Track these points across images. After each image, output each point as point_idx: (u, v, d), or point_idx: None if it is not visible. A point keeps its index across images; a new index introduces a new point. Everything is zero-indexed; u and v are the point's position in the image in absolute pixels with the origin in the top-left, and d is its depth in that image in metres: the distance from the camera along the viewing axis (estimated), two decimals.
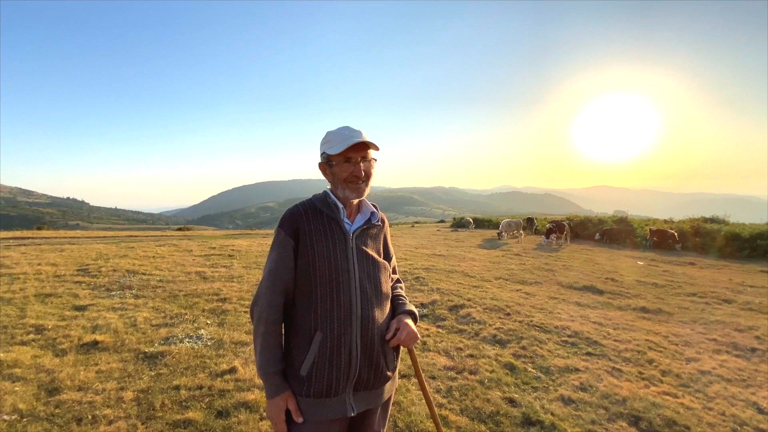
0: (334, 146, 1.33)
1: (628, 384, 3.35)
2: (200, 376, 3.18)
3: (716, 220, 17.86)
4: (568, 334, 4.55)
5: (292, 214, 1.33)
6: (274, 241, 1.33)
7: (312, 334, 1.26)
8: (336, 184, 1.37)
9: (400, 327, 1.37)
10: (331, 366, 1.25)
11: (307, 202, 1.40)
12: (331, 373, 1.25)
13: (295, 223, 1.31)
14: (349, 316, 1.27)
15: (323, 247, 1.29)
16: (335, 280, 1.28)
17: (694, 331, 4.97)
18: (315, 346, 1.24)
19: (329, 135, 1.37)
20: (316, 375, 1.24)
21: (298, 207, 1.37)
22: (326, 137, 1.38)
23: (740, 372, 3.77)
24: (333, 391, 1.26)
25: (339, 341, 1.25)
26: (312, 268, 1.28)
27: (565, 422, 2.72)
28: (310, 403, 1.26)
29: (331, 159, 1.34)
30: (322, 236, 1.31)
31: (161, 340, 3.92)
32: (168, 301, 5.34)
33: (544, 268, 9.51)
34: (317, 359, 1.24)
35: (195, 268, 7.69)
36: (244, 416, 2.63)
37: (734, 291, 7.47)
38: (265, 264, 1.34)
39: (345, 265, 1.30)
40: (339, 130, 1.36)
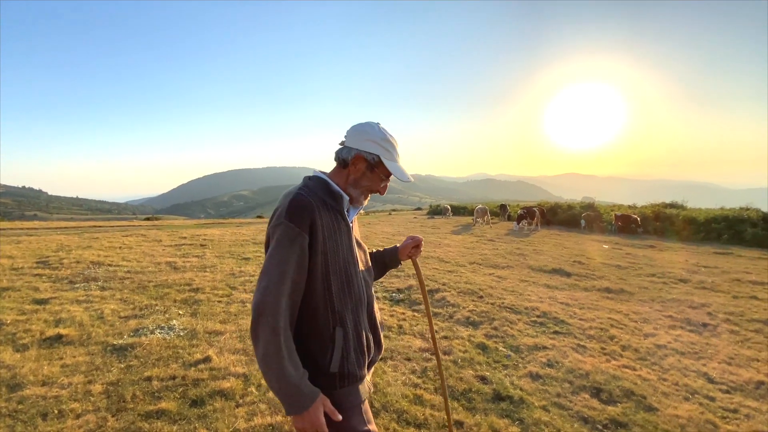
0: (393, 165, 1.29)
1: (591, 359, 3.55)
2: (173, 366, 3.13)
3: (675, 205, 18.86)
4: (537, 315, 4.75)
5: (304, 207, 1.18)
6: (281, 237, 1.15)
7: (332, 331, 1.22)
8: (356, 182, 1.30)
9: (418, 245, 1.61)
10: (357, 354, 1.27)
11: (311, 191, 1.24)
12: (358, 361, 1.27)
13: (309, 217, 1.17)
14: (360, 302, 1.30)
15: (335, 241, 1.23)
16: (346, 273, 1.26)
17: (652, 308, 5.29)
18: (339, 341, 1.22)
19: (389, 143, 1.28)
20: (348, 366, 1.24)
21: (307, 197, 1.20)
22: (385, 141, 1.28)
23: (693, 345, 4.06)
24: (360, 376, 1.28)
25: (357, 330, 1.28)
26: (327, 265, 1.21)
27: (532, 396, 2.87)
28: (345, 392, 1.25)
29: (377, 167, 1.28)
30: (333, 230, 1.23)
31: (130, 332, 3.81)
32: (137, 292, 5.17)
33: (515, 252, 9.81)
34: (344, 353, 1.23)
35: (165, 258, 7.46)
36: (219, 404, 2.62)
37: (689, 271, 7.97)
38: (268, 264, 1.15)
39: (351, 257, 1.29)
40: (396, 146, 1.30)
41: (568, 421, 2.60)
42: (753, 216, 14.62)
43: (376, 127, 1.29)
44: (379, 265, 1.60)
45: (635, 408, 2.78)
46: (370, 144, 1.26)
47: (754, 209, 15.63)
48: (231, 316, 4.34)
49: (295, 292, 1.16)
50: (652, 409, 2.77)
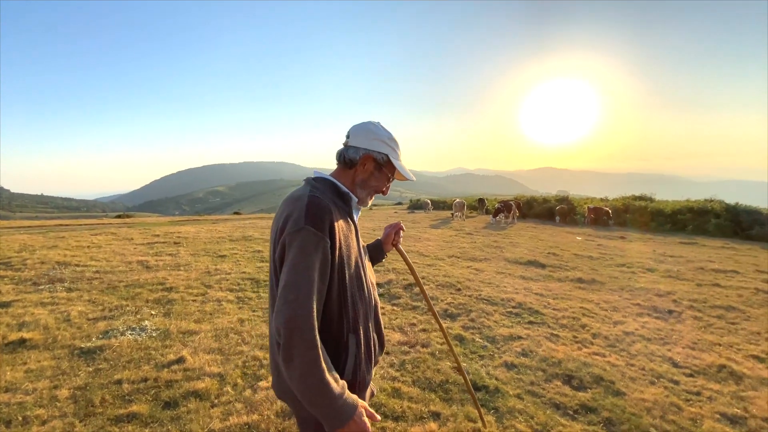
0: (400, 164, 1.29)
1: (564, 347, 3.66)
2: (145, 368, 3.04)
3: (644, 198, 19.60)
4: (513, 306, 4.86)
5: (324, 210, 1.11)
6: (305, 244, 1.06)
7: (346, 338, 1.17)
8: (364, 182, 1.28)
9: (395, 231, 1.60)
10: (367, 361, 1.24)
11: (322, 192, 1.19)
12: (368, 367, 1.25)
13: (329, 220, 1.11)
14: (370, 309, 1.27)
15: (348, 245, 1.19)
16: (358, 277, 1.22)
17: (622, 297, 5.50)
18: (352, 348, 1.18)
19: (395, 143, 1.29)
20: (358, 374, 1.20)
21: (322, 200, 1.14)
22: (392, 140, 1.27)
23: (659, 332, 4.24)
24: (367, 382, 1.26)
25: (367, 336, 1.24)
26: (343, 270, 1.15)
27: (507, 385, 2.94)
28: None
29: (385, 166, 1.28)
30: (346, 233, 1.19)
31: (99, 334, 3.68)
32: (106, 293, 4.99)
33: (493, 245, 9.98)
34: (357, 360, 1.19)
35: (136, 257, 7.22)
36: (194, 405, 2.57)
37: (657, 261, 8.32)
38: (294, 275, 1.04)
39: (360, 261, 1.25)
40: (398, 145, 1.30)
41: (540, 408, 2.67)
42: (716, 207, 15.35)
43: (380, 127, 1.28)
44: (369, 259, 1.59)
45: (604, 393, 2.89)
46: (378, 143, 1.25)
47: (718, 201, 16.40)
48: (206, 315, 4.24)
49: (319, 302, 1.09)
50: (620, 394, 2.89)
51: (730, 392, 3.01)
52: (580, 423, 2.54)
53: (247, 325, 4.00)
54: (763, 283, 6.42)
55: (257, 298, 4.91)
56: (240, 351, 3.39)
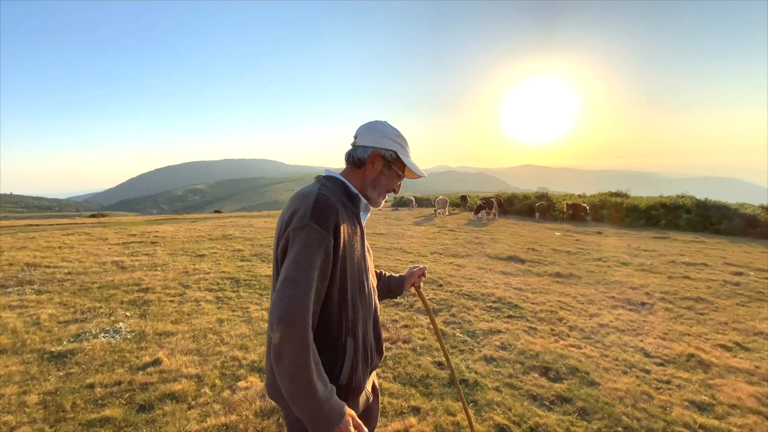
0: (409, 160, 1.27)
1: (541, 340, 3.75)
2: (119, 371, 2.96)
3: (620, 194, 20.18)
4: (493, 300, 4.94)
5: (330, 208, 1.10)
6: (308, 241, 1.05)
7: (344, 341, 1.15)
8: (375, 182, 1.26)
9: (419, 274, 1.61)
10: (363, 366, 1.21)
11: (330, 191, 1.18)
12: (364, 372, 1.22)
13: (335, 219, 1.10)
14: (370, 313, 1.25)
15: (352, 247, 1.17)
16: (360, 281, 1.20)
17: (597, 290, 5.66)
18: (350, 352, 1.16)
19: (403, 140, 1.27)
20: (354, 379, 1.17)
21: (330, 198, 1.13)
22: (399, 137, 1.26)
23: (632, 323, 4.38)
24: (362, 387, 1.23)
25: (365, 340, 1.22)
26: (345, 271, 1.14)
27: (486, 379, 2.99)
28: (350, 406, 1.17)
29: (395, 164, 1.26)
30: (351, 235, 1.17)
31: (71, 337, 3.56)
32: (78, 294, 4.83)
33: (474, 241, 10.11)
34: (354, 364, 1.17)
35: (111, 257, 7.00)
36: (170, 407, 2.51)
37: (631, 255, 8.59)
38: (294, 270, 1.03)
39: (364, 265, 1.24)
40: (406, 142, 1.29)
41: (518, 400, 2.73)
42: (687, 203, 15.93)
43: (387, 125, 1.27)
44: (382, 290, 1.56)
45: (579, 384, 2.98)
46: (386, 141, 1.24)
47: (689, 197, 17.01)
48: (183, 316, 4.16)
49: (317, 302, 1.07)
50: (594, 384, 2.98)
51: (699, 380, 3.14)
52: (556, 413, 2.61)
53: (226, 325, 3.94)
54: (730, 275, 6.71)
55: (237, 298, 4.84)
56: (218, 351, 3.33)
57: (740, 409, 2.74)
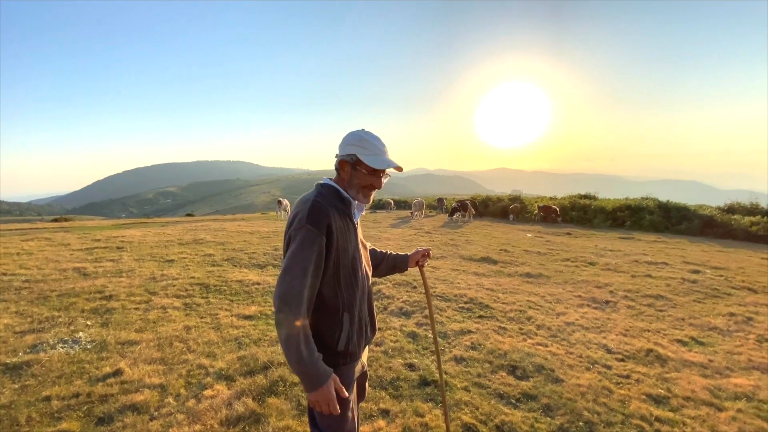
0: (370, 157, 1.42)
1: (510, 339, 3.84)
2: (77, 383, 2.83)
3: (588, 196, 20.92)
4: (465, 301, 5.02)
5: (322, 212, 1.34)
6: (304, 239, 1.31)
7: (341, 316, 1.42)
8: (350, 184, 1.46)
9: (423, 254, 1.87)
10: (359, 336, 1.50)
11: (325, 197, 1.42)
12: (359, 342, 1.50)
13: (326, 221, 1.34)
14: (362, 294, 1.52)
15: (345, 240, 1.42)
16: (353, 268, 1.46)
17: (565, 290, 5.85)
18: (346, 324, 1.43)
19: (365, 141, 1.43)
20: (350, 346, 1.45)
21: (324, 204, 1.37)
22: (361, 140, 1.43)
23: (596, 321, 4.55)
24: (358, 355, 1.52)
25: (359, 316, 1.50)
26: (339, 260, 1.40)
27: (455, 379, 3.04)
28: (346, 369, 1.48)
29: (359, 165, 1.43)
30: (344, 231, 1.42)
31: (27, 348, 3.38)
32: (36, 303, 4.59)
33: (449, 243, 10.25)
34: (350, 335, 1.45)
35: (72, 263, 6.69)
36: (130, 419, 2.43)
37: (598, 255, 8.91)
38: (291, 262, 1.30)
39: (356, 254, 1.49)
40: (375, 141, 1.44)
41: (486, 399, 2.79)
42: (650, 205, 16.69)
43: (353, 133, 1.47)
44: (389, 266, 1.86)
45: (544, 381, 3.07)
46: (347, 147, 1.44)
47: (652, 198, 17.83)
48: (149, 324, 4.02)
49: (312, 288, 1.33)
50: (559, 381, 3.08)
51: (656, 374, 3.29)
52: (522, 410, 2.68)
53: (193, 332, 3.84)
54: (689, 274, 7.07)
55: (206, 304, 4.72)
56: (185, 360, 3.24)
57: (694, 402, 2.89)
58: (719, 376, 3.30)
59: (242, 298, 5.00)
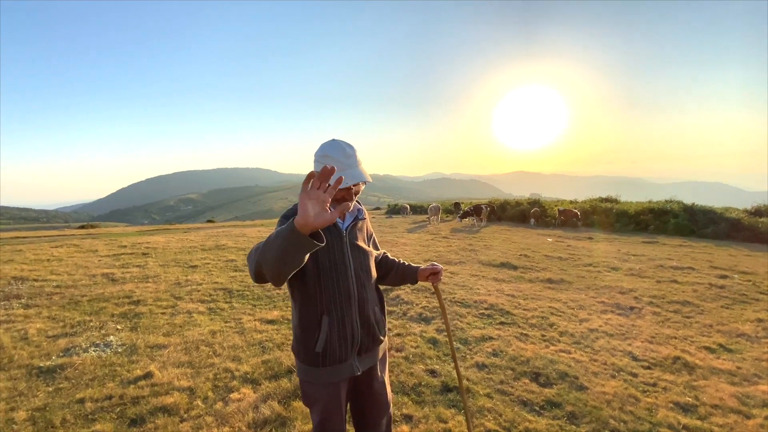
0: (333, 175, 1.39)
1: (533, 346, 3.79)
2: (109, 385, 2.94)
3: (610, 200, 20.45)
4: (485, 307, 4.99)
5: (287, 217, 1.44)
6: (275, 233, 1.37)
7: (319, 318, 1.48)
8: None
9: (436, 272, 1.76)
10: (340, 339, 1.50)
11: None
12: (341, 346, 1.50)
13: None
14: (349, 299, 1.52)
15: (327, 246, 1.46)
16: (335, 271, 1.49)
17: (588, 296, 5.74)
18: (324, 326, 1.47)
19: (327, 157, 1.44)
20: (329, 349, 1.48)
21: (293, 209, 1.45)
22: (324, 156, 1.45)
23: (620, 327, 4.45)
24: (342, 358, 1.52)
25: (342, 320, 1.50)
26: (318, 264, 1.46)
27: (478, 385, 3.02)
28: (326, 372, 1.50)
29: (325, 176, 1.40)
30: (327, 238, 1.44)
31: (60, 352, 3.53)
32: (67, 308, 4.78)
33: (468, 249, 10.18)
34: (328, 337, 1.48)
35: (101, 269, 6.94)
36: (162, 421, 2.51)
37: (621, 260, 8.71)
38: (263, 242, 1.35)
39: (342, 259, 1.52)
40: (338, 156, 1.42)
41: (509, 406, 2.76)
42: (675, 208, 16.20)
43: (321, 146, 1.49)
44: (399, 277, 1.84)
45: (568, 388, 3.02)
46: (315, 163, 1.48)
47: (677, 201, 17.30)
48: (176, 328, 4.14)
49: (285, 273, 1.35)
50: (583, 388, 3.03)
51: (683, 382, 3.20)
52: (546, 418, 2.64)
53: (218, 336, 3.93)
54: (716, 279, 6.84)
55: (230, 309, 4.83)
56: (211, 363, 3.33)
57: (722, 409, 2.80)
58: (747, 384, 3.18)
59: (264, 303, 5.09)
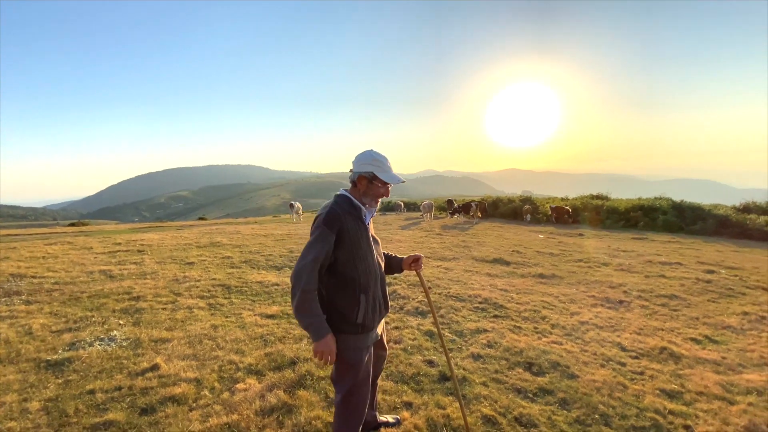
0: (384, 174, 1.87)
1: (525, 338, 3.94)
2: (117, 377, 3.03)
3: (600, 197, 20.78)
4: (479, 301, 5.13)
5: (335, 217, 1.80)
6: (319, 236, 1.77)
7: (358, 296, 1.85)
8: (365, 194, 1.90)
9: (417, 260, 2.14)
10: (372, 312, 1.90)
11: (340, 205, 1.86)
12: (372, 317, 1.91)
13: (338, 223, 1.80)
14: (375, 279, 1.93)
15: (358, 239, 1.86)
16: (366, 259, 1.89)
17: (578, 290, 5.92)
18: (363, 303, 1.86)
19: (376, 159, 1.87)
20: (366, 320, 1.87)
21: (338, 210, 1.83)
22: (373, 159, 1.86)
23: (610, 320, 4.63)
24: (373, 327, 1.93)
25: (374, 296, 1.92)
26: (354, 253, 1.83)
27: (474, 375, 3.16)
28: (363, 337, 1.90)
29: (375, 180, 1.87)
30: (356, 231, 1.86)
31: (65, 346, 3.59)
32: (68, 304, 4.83)
33: (461, 245, 10.34)
34: (366, 311, 1.87)
35: (98, 266, 6.96)
36: (171, 410, 2.60)
37: (611, 255, 8.93)
38: (307, 250, 1.77)
39: (369, 249, 1.92)
40: (384, 161, 1.89)
41: (504, 393, 2.91)
42: (664, 205, 16.54)
43: (367, 153, 1.89)
44: (387, 265, 2.17)
45: (560, 377, 3.17)
46: (364, 166, 1.87)
47: (665, 198, 17.65)
48: (177, 323, 4.22)
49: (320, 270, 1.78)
50: (574, 377, 3.18)
51: (670, 371, 3.37)
52: (539, 404, 2.79)
53: (221, 330, 4.02)
54: (703, 274, 7.07)
55: (229, 305, 4.91)
56: (215, 356, 3.42)
57: (706, 396, 2.97)
58: (732, 373, 3.36)
59: (263, 299, 5.18)
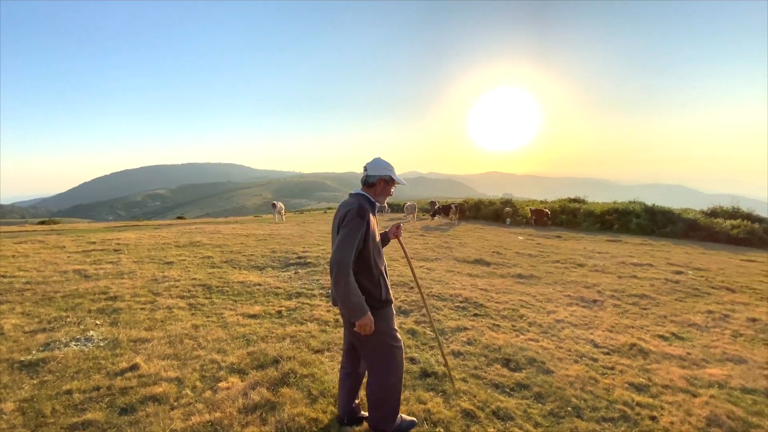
0: (397, 177, 2.37)
1: (504, 335, 4.07)
2: (95, 377, 2.98)
3: (578, 200, 21.38)
4: (460, 300, 5.25)
5: (365, 210, 2.15)
6: (355, 226, 2.09)
7: (379, 278, 2.25)
8: (380, 193, 2.34)
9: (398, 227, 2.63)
10: (388, 291, 2.31)
11: (364, 203, 2.21)
12: (389, 293, 2.31)
13: (367, 216, 2.15)
14: (383, 263, 2.34)
15: (374, 230, 2.23)
16: (379, 247, 2.30)
17: (555, 290, 6.11)
18: (382, 283, 2.27)
19: (390, 165, 2.35)
20: (388, 297, 2.29)
21: (366, 205, 2.20)
22: (388, 165, 2.34)
23: (584, 318, 4.81)
24: (392, 301, 2.35)
25: (385, 278, 2.31)
26: (374, 242, 2.22)
27: (454, 371, 3.24)
28: (388, 310, 2.30)
29: (391, 182, 2.36)
30: (373, 223, 2.23)
31: (40, 346, 3.50)
32: (41, 304, 4.69)
33: (443, 246, 10.48)
34: (386, 289, 2.28)
35: (72, 266, 6.76)
36: (152, 409, 2.59)
37: (586, 257, 9.23)
38: (346, 238, 2.06)
39: (379, 239, 2.36)
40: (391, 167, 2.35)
41: (482, 389, 3.00)
42: (637, 208, 17.15)
43: (381, 160, 2.35)
44: None
45: (536, 372, 3.30)
46: (382, 170, 2.33)
47: (639, 202, 18.30)
48: (157, 323, 4.16)
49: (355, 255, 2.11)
50: (549, 372, 3.31)
51: (638, 366, 3.55)
52: (515, 398, 2.90)
53: (202, 330, 3.99)
54: (672, 274, 7.40)
55: (210, 304, 4.86)
56: (197, 355, 3.40)
57: (672, 389, 3.15)
58: (696, 367, 3.56)
59: (245, 299, 5.15)
